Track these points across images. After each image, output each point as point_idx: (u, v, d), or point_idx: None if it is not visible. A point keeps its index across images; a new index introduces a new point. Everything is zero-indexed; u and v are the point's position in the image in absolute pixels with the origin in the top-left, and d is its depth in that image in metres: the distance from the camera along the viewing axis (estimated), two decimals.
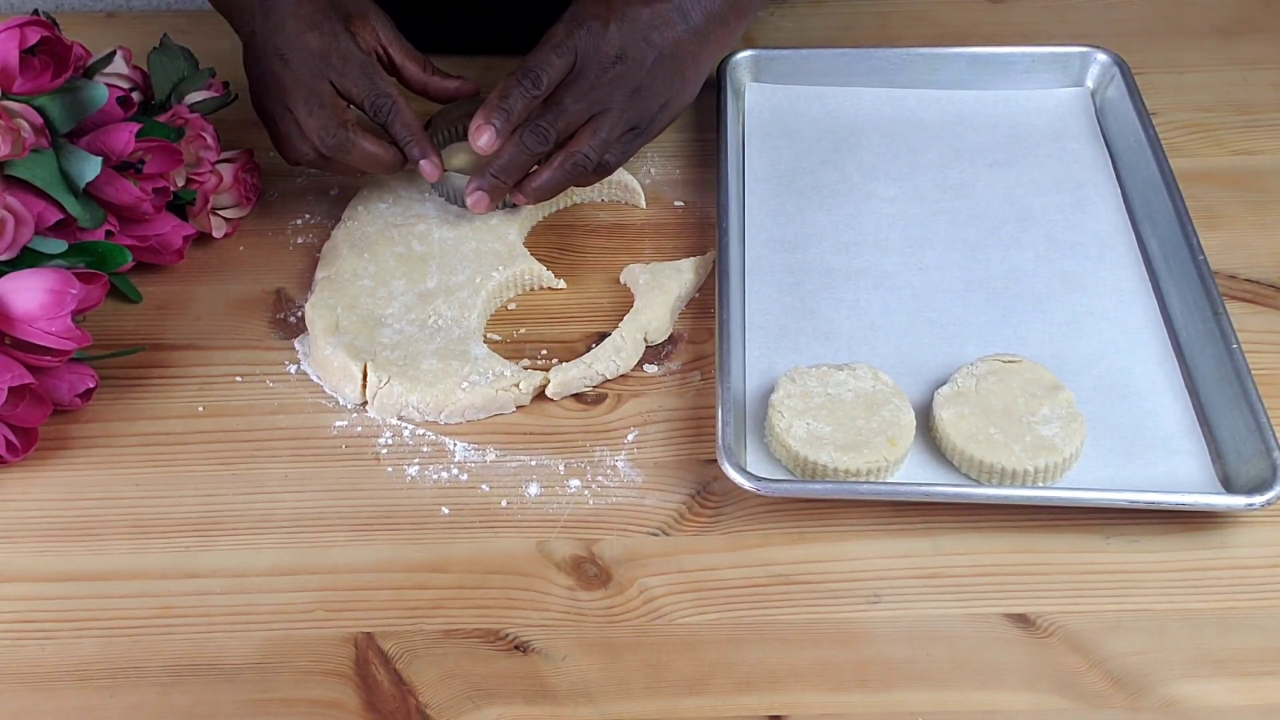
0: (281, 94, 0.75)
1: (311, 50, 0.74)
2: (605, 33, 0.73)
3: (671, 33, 0.75)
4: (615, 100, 0.74)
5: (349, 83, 0.74)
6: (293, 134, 0.75)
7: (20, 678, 0.59)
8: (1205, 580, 0.62)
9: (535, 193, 0.76)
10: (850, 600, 0.62)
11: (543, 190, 0.76)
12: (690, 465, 0.68)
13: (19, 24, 0.69)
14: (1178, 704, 0.57)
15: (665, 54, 0.75)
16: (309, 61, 0.74)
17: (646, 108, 0.76)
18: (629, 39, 0.74)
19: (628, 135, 0.76)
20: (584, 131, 0.74)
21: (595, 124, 0.74)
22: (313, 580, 0.63)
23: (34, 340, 0.66)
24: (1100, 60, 0.88)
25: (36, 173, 0.69)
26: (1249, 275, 0.77)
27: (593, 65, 0.73)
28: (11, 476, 0.68)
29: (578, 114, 0.74)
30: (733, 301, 0.72)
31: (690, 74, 0.77)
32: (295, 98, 0.74)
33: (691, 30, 0.76)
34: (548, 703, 0.58)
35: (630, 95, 0.74)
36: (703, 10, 0.76)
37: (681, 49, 0.76)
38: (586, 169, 0.75)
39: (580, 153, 0.74)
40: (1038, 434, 0.65)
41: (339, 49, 0.74)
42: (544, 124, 0.73)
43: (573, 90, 0.74)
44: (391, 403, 0.70)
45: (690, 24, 0.76)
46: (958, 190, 0.82)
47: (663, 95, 0.76)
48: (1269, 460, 0.63)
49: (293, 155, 0.77)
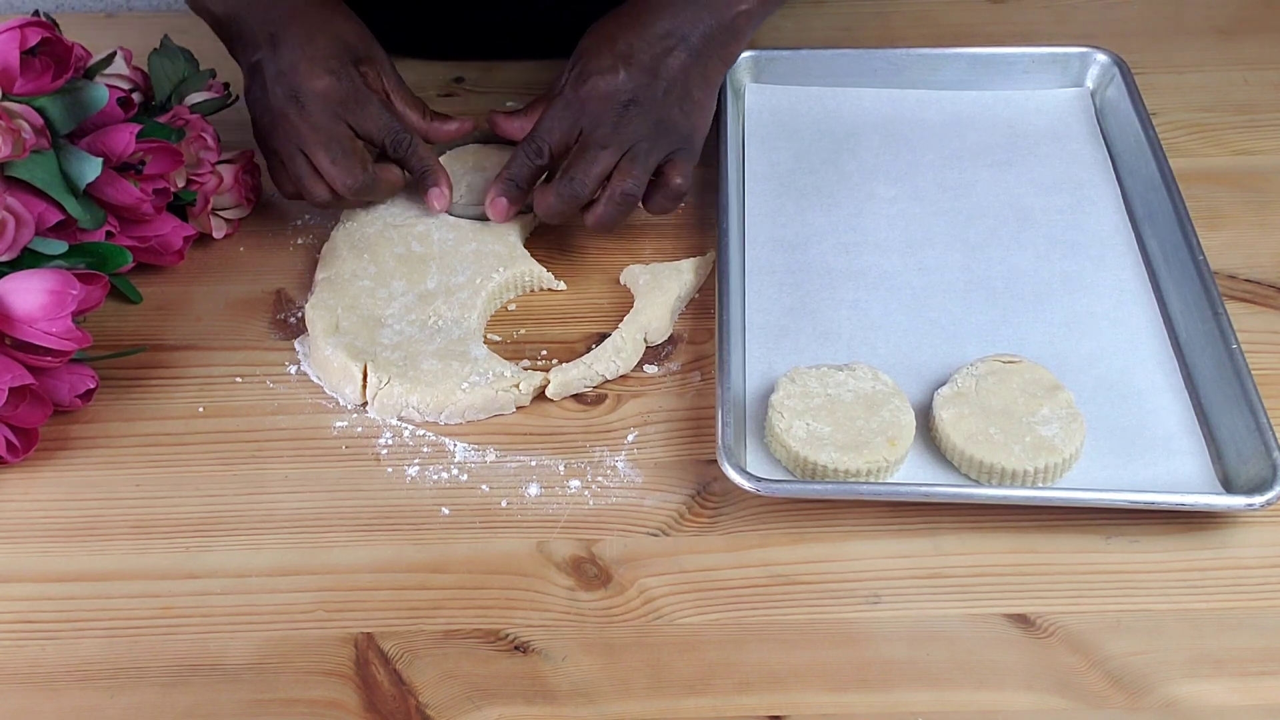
0: (295, 137, 0.75)
1: (328, 95, 0.75)
2: (615, 79, 0.75)
3: (675, 60, 0.77)
4: (641, 135, 0.75)
5: (368, 123, 0.76)
6: (304, 175, 0.76)
7: (21, 678, 0.60)
8: (1205, 580, 0.62)
9: (594, 225, 0.76)
10: (850, 600, 0.62)
11: (603, 224, 0.76)
12: (690, 465, 0.68)
13: (19, 25, 0.69)
14: (1177, 704, 0.57)
15: (674, 83, 0.76)
16: (326, 106, 0.75)
17: (675, 134, 0.77)
18: (637, 81, 0.75)
19: (679, 159, 0.77)
20: (623, 166, 0.75)
21: (631, 157, 0.75)
22: (313, 580, 0.63)
23: (34, 341, 0.66)
24: (1100, 60, 0.88)
25: (37, 174, 0.69)
26: (1249, 275, 0.77)
27: (607, 115, 0.75)
28: (12, 477, 0.68)
29: (608, 159, 0.75)
30: (733, 301, 0.72)
31: (699, 94, 0.78)
32: (313, 143, 0.75)
33: (693, 56, 0.77)
34: (548, 703, 0.58)
35: (654, 128, 0.76)
36: (701, 35, 0.78)
37: (687, 73, 0.77)
38: (635, 196, 0.75)
39: (624, 187, 0.75)
40: (1038, 434, 0.65)
41: (355, 92, 0.76)
42: (578, 175, 0.75)
43: (597, 139, 0.75)
44: (392, 403, 0.70)
45: (691, 51, 0.77)
46: (958, 190, 0.82)
47: (686, 121, 0.77)
48: (1269, 460, 0.63)
49: (300, 194, 0.77)
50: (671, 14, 0.78)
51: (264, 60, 0.76)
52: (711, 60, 0.79)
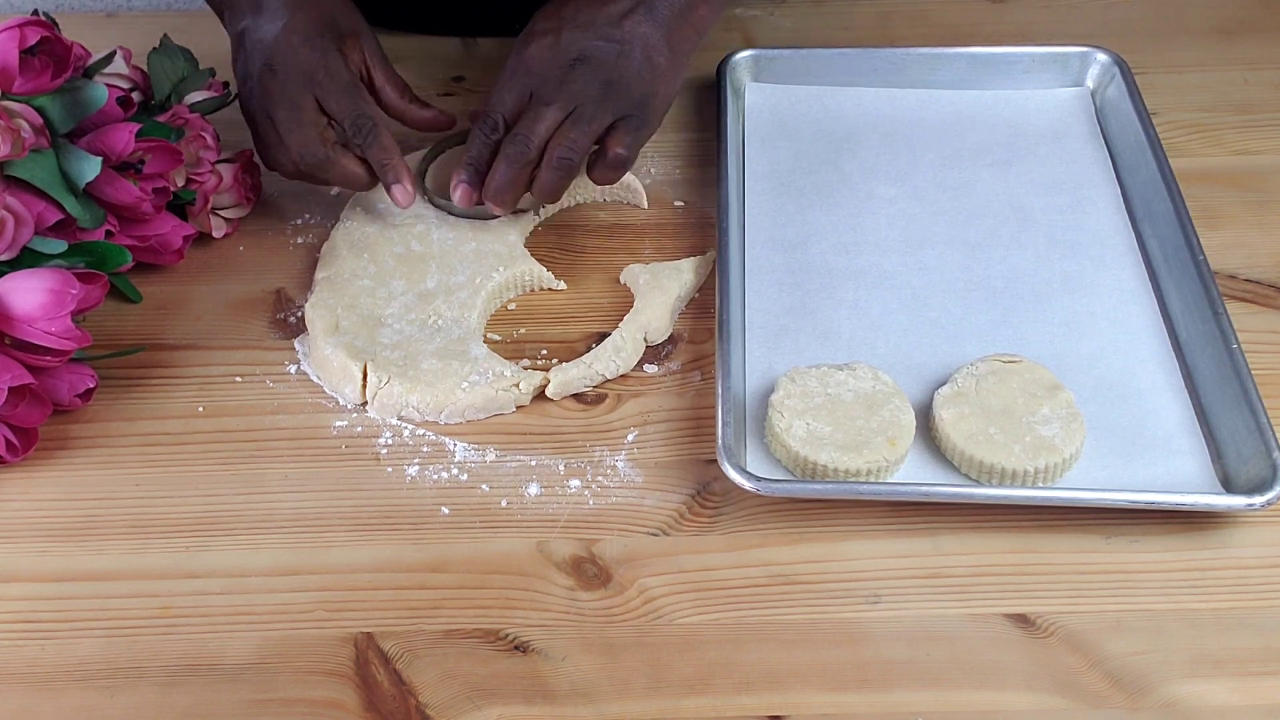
0: (266, 101, 0.75)
1: (301, 65, 0.75)
2: (559, 41, 0.75)
3: (634, 26, 0.75)
4: (588, 95, 0.74)
5: (332, 100, 0.75)
6: (270, 142, 0.76)
7: (20, 678, 0.59)
8: (1205, 580, 0.62)
9: (538, 192, 0.75)
10: (850, 600, 0.62)
11: (544, 190, 0.75)
12: (690, 465, 0.68)
13: (19, 24, 0.69)
14: (1177, 704, 0.57)
15: (630, 46, 0.75)
16: (296, 76, 0.74)
17: (627, 97, 0.75)
18: (585, 40, 0.74)
19: (625, 124, 0.75)
20: (563, 128, 0.74)
21: (574, 118, 0.74)
22: (313, 580, 0.63)
23: (34, 340, 0.66)
24: (1100, 60, 0.88)
25: (36, 173, 0.69)
26: (1249, 275, 0.77)
27: (553, 72, 0.74)
28: (11, 477, 0.68)
29: (552, 115, 0.74)
30: (733, 301, 0.72)
31: (663, 62, 0.76)
32: (277, 108, 0.75)
33: (658, 21, 0.76)
34: (548, 703, 0.58)
35: (602, 89, 0.74)
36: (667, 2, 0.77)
37: (649, 40, 0.76)
38: (574, 160, 0.74)
39: (560, 152, 0.74)
40: (1038, 434, 0.65)
41: (327, 66, 0.75)
42: (521, 132, 0.74)
43: (541, 98, 0.74)
44: (391, 403, 0.70)
45: (656, 15, 0.76)
46: (958, 190, 0.82)
47: (641, 85, 0.75)
48: (1269, 460, 0.63)
49: (270, 163, 0.78)
50: None
51: (248, 28, 0.77)
52: (678, 25, 0.77)
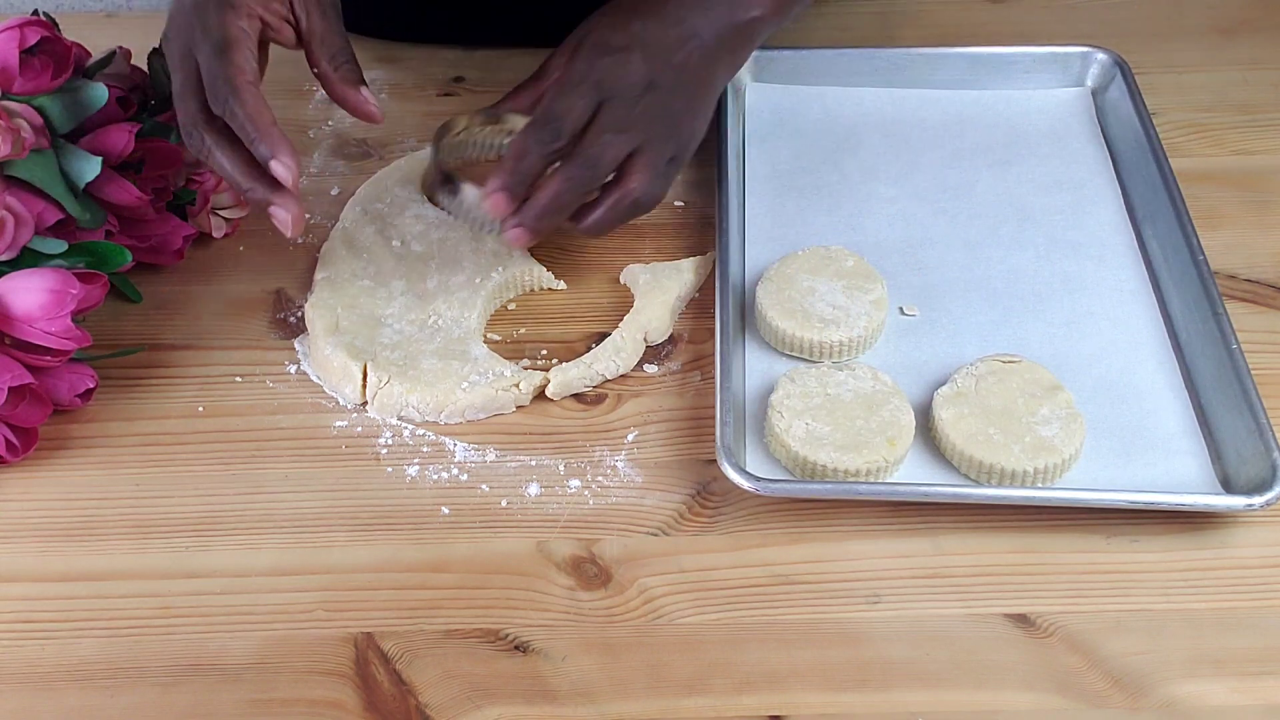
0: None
1: (185, 25, 0.66)
2: (629, 60, 0.69)
3: (688, 53, 0.71)
4: (655, 131, 0.69)
5: (201, 61, 0.65)
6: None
7: (20, 678, 0.59)
8: (1205, 580, 0.62)
9: (590, 230, 0.71)
10: (850, 600, 0.62)
11: (598, 228, 0.71)
12: (690, 465, 0.68)
13: (19, 24, 0.69)
14: (1177, 704, 0.57)
15: (686, 77, 0.71)
16: (180, 38, 0.66)
17: (684, 133, 0.72)
18: (654, 65, 0.69)
19: (670, 167, 0.72)
20: (633, 168, 0.69)
21: (645, 159, 0.69)
22: (313, 580, 0.63)
23: (34, 340, 0.66)
24: (1100, 60, 0.88)
25: (36, 173, 0.69)
26: (1249, 275, 0.77)
27: (623, 97, 0.68)
28: (11, 477, 0.68)
29: (622, 145, 0.69)
30: (733, 301, 0.72)
31: (704, 94, 0.73)
32: (173, 86, 0.67)
33: (705, 50, 0.72)
34: (548, 703, 0.58)
35: (668, 124, 0.70)
36: (715, 34, 0.73)
37: (697, 71, 0.72)
38: (650, 207, 0.71)
39: (635, 193, 0.69)
40: (1037, 434, 0.65)
41: (206, 23, 0.65)
42: (592, 154, 0.68)
43: (613, 121, 0.68)
44: (391, 403, 0.70)
45: (703, 43, 0.72)
46: (958, 190, 0.82)
47: (692, 120, 0.72)
48: (1269, 461, 0.63)
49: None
50: (688, 6, 0.72)
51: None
52: (720, 63, 0.74)
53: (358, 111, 0.71)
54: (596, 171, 0.68)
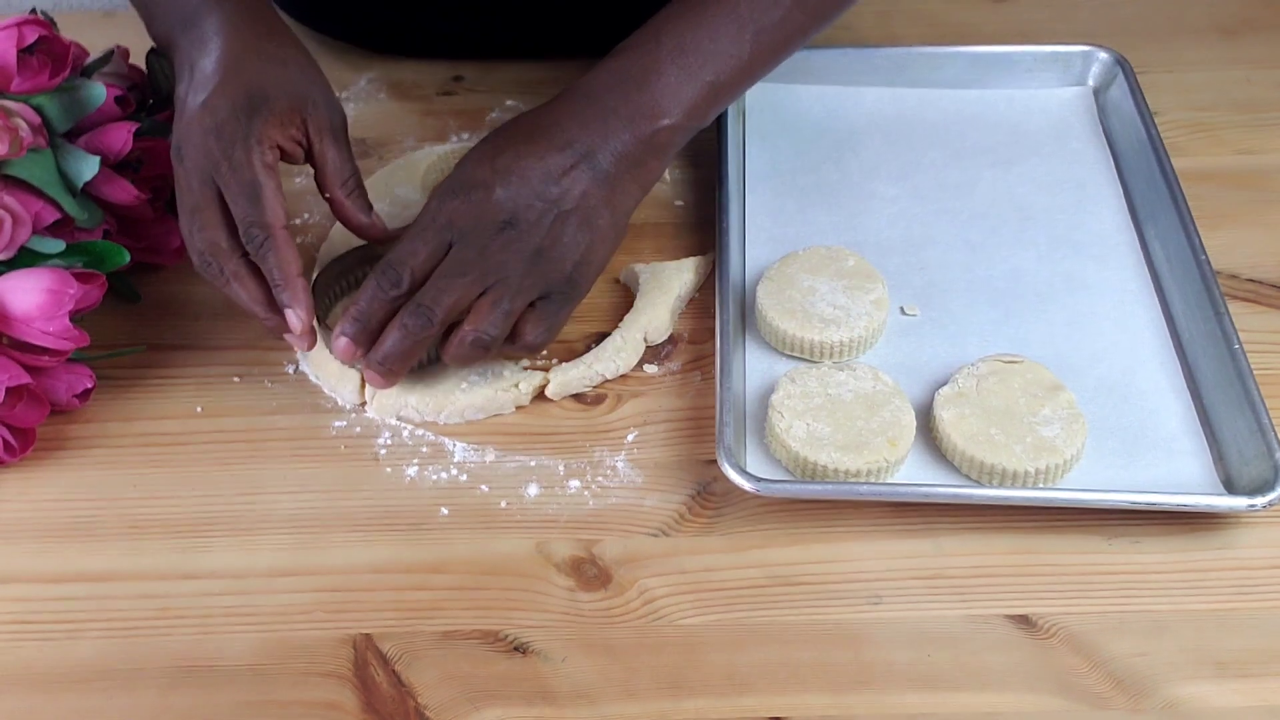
0: (177, 194, 0.67)
1: (207, 154, 0.65)
2: (488, 198, 0.65)
3: (574, 184, 0.66)
4: (510, 268, 0.65)
5: (231, 200, 0.65)
6: (185, 239, 0.68)
7: (19, 678, 0.59)
8: (1207, 581, 0.62)
9: (450, 362, 0.68)
10: (851, 601, 0.61)
11: (452, 362, 0.68)
12: (690, 466, 0.68)
13: (17, 23, 0.69)
14: (1179, 705, 0.57)
15: (568, 209, 0.66)
16: (201, 166, 0.65)
17: (555, 270, 0.67)
18: (518, 200, 0.65)
19: (546, 305, 0.67)
20: (481, 305, 0.65)
21: (493, 296, 0.65)
22: (311, 581, 0.63)
23: (32, 340, 0.66)
24: (1102, 59, 0.88)
25: (34, 172, 0.69)
26: (1251, 275, 0.77)
27: (475, 234, 0.65)
28: (9, 477, 0.68)
29: (466, 288, 0.65)
30: (732, 301, 0.72)
31: (603, 223, 0.68)
32: (184, 206, 0.67)
33: (599, 177, 0.67)
34: (547, 704, 0.58)
35: (530, 261, 0.66)
36: (612, 153, 0.68)
37: (589, 199, 0.67)
38: (489, 345, 0.66)
39: (479, 331, 0.65)
40: (1039, 435, 0.65)
41: (232, 159, 0.65)
42: (426, 303, 0.65)
43: (457, 263, 0.65)
44: (390, 403, 0.70)
45: (598, 171, 0.67)
46: (959, 190, 0.82)
47: (573, 253, 0.67)
48: (1270, 461, 0.63)
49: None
50: (579, 124, 0.68)
51: (180, 94, 0.68)
52: (622, 183, 0.68)
53: (368, 234, 0.71)
54: (432, 316, 0.65)
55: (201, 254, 0.66)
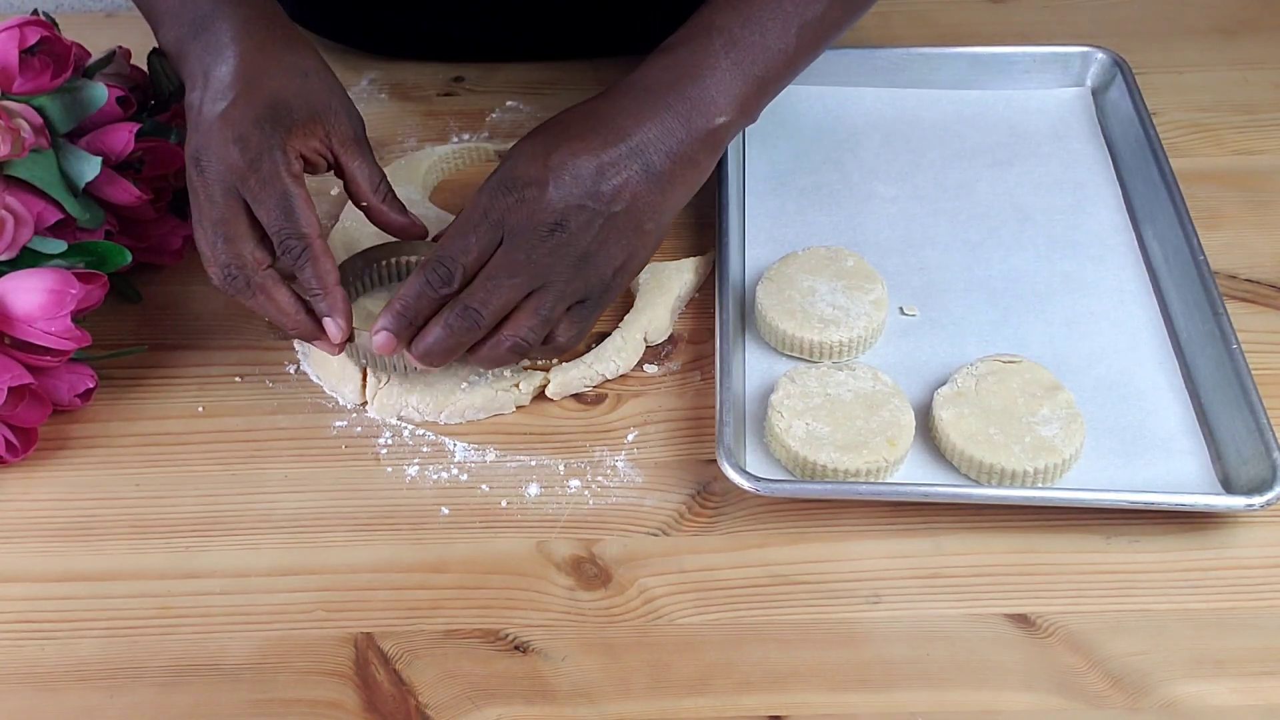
0: (195, 205, 0.66)
1: (231, 165, 0.63)
2: (541, 197, 0.63)
3: (626, 185, 0.64)
4: (557, 273, 0.64)
5: (263, 211, 0.64)
6: (202, 253, 0.66)
7: (20, 678, 0.59)
8: (1205, 580, 0.62)
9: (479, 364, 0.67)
10: (850, 600, 0.62)
11: (482, 362, 0.67)
12: (690, 465, 0.68)
13: (18, 24, 0.69)
14: (1178, 704, 0.57)
15: (618, 212, 0.64)
16: (225, 177, 0.64)
17: (597, 276, 0.66)
18: (570, 200, 0.63)
19: (580, 309, 0.66)
20: (524, 310, 0.65)
21: (536, 301, 0.64)
22: (312, 580, 0.63)
23: (34, 340, 0.66)
24: (1101, 60, 0.88)
25: (36, 173, 0.69)
26: (1249, 275, 0.77)
27: (526, 235, 0.63)
28: (11, 477, 0.68)
29: (513, 291, 0.64)
30: (732, 301, 0.72)
31: (651, 226, 0.67)
32: (204, 218, 0.65)
33: (653, 177, 0.65)
34: (548, 703, 0.58)
35: (575, 266, 0.64)
36: (666, 151, 0.66)
37: (639, 202, 0.65)
38: (526, 351, 0.66)
39: (519, 337, 0.65)
40: (1038, 434, 0.65)
41: (260, 171, 0.63)
42: (474, 305, 0.64)
43: (506, 264, 0.64)
44: (391, 403, 0.70)
45: (651, 170, 0.65)
46: (958, 190, 0.82)
47: (618, 258, 0.66)
48: (1269, 461, 0.63)
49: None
50: (634, 120, 0.65)
51: (192, 102, 0.67)
52: (674, 183, 0.67)
53: (407, 234, 0.71)
54: (479, 319, 0.64)
55: (226, 266, 0.65)
